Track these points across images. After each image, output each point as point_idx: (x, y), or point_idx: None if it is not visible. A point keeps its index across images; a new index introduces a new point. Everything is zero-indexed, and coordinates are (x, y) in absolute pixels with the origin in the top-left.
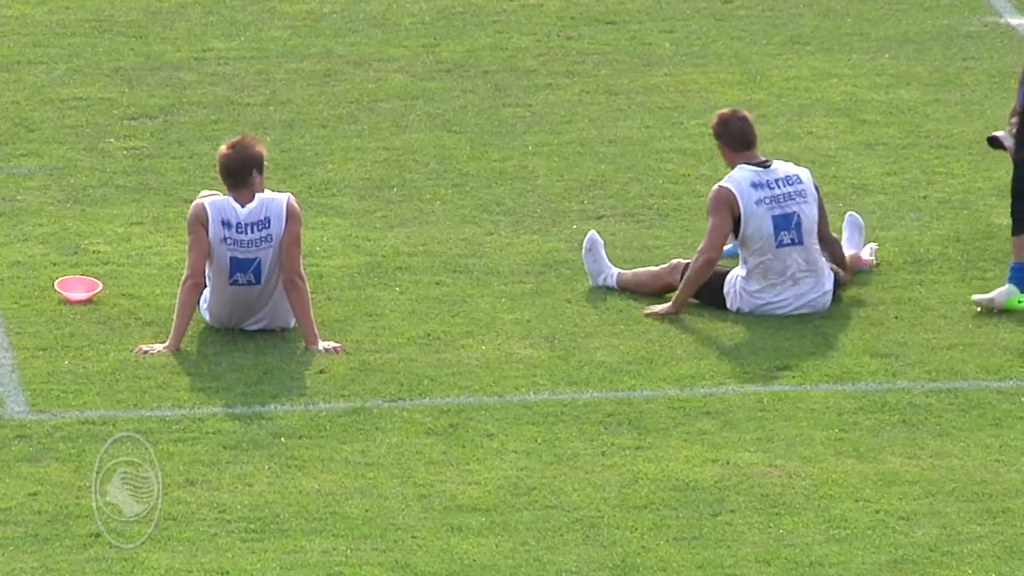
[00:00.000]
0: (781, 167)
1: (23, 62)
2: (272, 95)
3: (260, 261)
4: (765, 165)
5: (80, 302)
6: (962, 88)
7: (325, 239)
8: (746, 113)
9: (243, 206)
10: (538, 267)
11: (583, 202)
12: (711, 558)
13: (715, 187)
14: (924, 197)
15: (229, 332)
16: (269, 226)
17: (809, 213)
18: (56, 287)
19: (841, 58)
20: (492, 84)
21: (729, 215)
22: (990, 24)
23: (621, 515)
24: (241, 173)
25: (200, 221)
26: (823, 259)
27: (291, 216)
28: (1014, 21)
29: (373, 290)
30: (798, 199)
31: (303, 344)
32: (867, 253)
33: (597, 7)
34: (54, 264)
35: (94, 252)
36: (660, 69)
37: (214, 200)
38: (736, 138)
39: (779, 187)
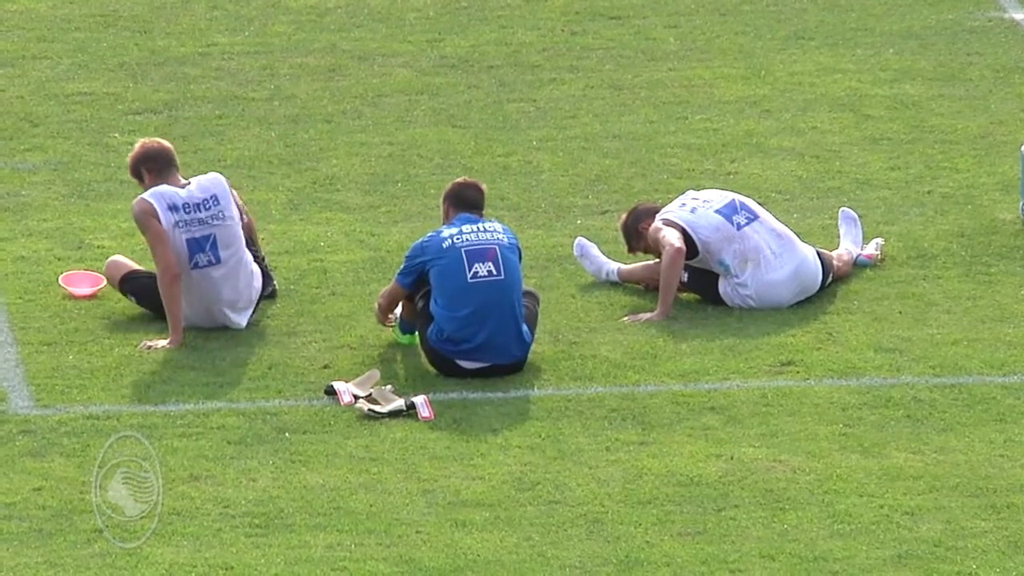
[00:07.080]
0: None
1: (27, 57)
2: (276, 90)
3: (215, 237)
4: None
5: (84, 297)
6: (966, 83)
7: (329, 234)
8: None
9: (182, 188)
10: (542, 262)
11: (587, 197)
12: (715, 553)
13: (653, 226)
14: (928, 192)
15: (232, 328)
16: (219, 203)
17: (745, 197)
18: (60, 282)
19: (845, 53)
20: (496, 79)
21: (674, 225)
22: (994, 19)
23: (625, 510)
24: (171, 159)
25: (150, 214)
26: (792, 233)
27: (231, 189)
28: (1018, 16)
29: (377, 285)
30: (723, 191)
31: (307, 339)
32: (872, 247)
33: (601, 2)
34: (58, 259)
35: (98, 247)
36: (664, 64)
37: (154, 190)
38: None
39: (699, 191)
